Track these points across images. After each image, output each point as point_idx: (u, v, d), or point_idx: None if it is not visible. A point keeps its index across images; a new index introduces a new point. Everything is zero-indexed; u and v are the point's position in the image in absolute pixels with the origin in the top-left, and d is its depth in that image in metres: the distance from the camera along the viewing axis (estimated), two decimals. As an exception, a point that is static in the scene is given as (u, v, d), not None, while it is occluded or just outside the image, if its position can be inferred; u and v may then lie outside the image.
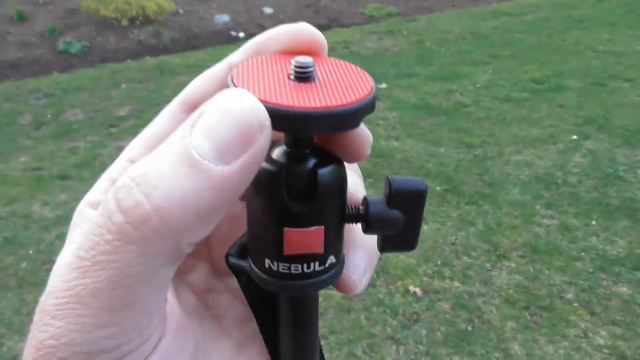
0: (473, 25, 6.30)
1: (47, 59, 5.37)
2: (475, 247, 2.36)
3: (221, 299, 0.27)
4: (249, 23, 6.47)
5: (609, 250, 2.30)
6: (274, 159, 0.22)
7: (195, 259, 0.27)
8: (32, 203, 2.84)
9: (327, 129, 0.20)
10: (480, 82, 4.36)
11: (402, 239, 0.25)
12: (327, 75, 0.22)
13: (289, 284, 0.23)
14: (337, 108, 0.19)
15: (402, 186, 0.24)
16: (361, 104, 0.20)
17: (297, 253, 0.22)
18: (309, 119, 0.19)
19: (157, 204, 0.17)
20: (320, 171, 0.22)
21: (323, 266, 0.23)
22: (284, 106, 0.19)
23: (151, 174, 0.17)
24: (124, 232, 0.17)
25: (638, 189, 2.73)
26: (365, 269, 0.26)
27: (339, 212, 0.23)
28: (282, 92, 0.20)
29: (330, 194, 0.22)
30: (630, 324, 1.92)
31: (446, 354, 1.84)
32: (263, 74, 0.21)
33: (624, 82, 4.16)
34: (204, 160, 0.17)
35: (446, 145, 3.32)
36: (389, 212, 0.24)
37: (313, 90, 0.20)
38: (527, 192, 2.76)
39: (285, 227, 0.22)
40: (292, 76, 0.21)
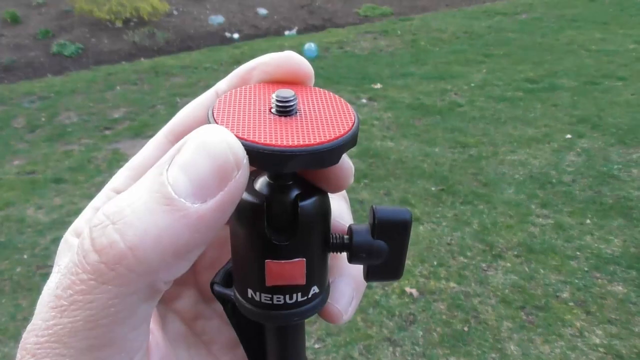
0: (467, 24, 6.31)
1: (40, 61, 5.35)
2: (470, 247, 2.37)
3: (210, 325, 0.27)
4: (244, 24, 6.46)
5: (603, 249, 2.31)
6: (256, 190, 0.22)
7: (182, 286, 0.27)
8: (26, 207, 2.82)
9: (305, 166, 0.19)
10: (475, 82, 4.37)
11: (387, 269, 0.24)
12: (310, 108, 0.22)
13: (272, 314, 0.23)
14: (316, 146, 0.19)
15: (387, 216, 0.24)
16: (341, 141, 0.20)
17: (279, 284, 0.22)
18: (286, 157, 0.19)
19: (131, 243, 0.16)
20: (302, 204, 0.21)
21: (306, 297, 0.23)
22: (261, 144, 0.19)
23: (127, 211, 0.17)
24: (99, 271, 0.17)
25: (632, 187, 2.75)
26: (352, 297, 0.26)
27: (322, 243, 0.23)
28: (262, 128, 0.20)
29: (312, 226, 0.22)
30: (626, 323, 1.92)
31: (442, 355, 1.84)
32: (245, 107, 0.21)
33: (617, 81, 4.18)
34: (180, 198, 0.17)
35: (441, 145, 3.32)
36: (373, 242, 0.24)
37: (293, 126, 0.20)
38: (522, 191, 2.77)
39: (266, 258, 0.21)
40: (274, 110, 0.21)
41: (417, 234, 2.47)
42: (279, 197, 0.22)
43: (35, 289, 2.19)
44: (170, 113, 3.96)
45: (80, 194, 2.93)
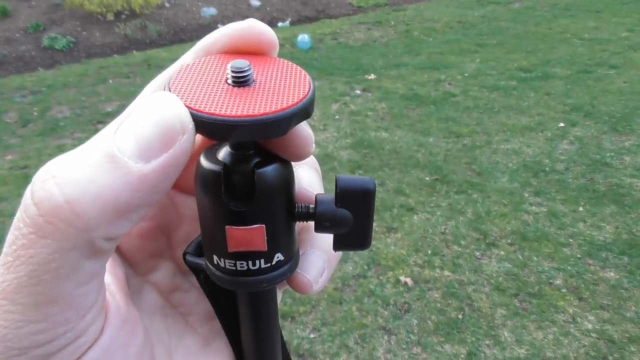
0: (460, 14, 6.30)
1: (31, 55, 5.30)
2: (464, 236, 2.38)
3: (187, 297, 0.27)
4: (236, 15, 6.43)
5: (596, 235, 2.32)
6: (217, 159, 0.22)
7: (159, 258, 0.27)
8: (19, 202, 2.80)
9: (251, 137, 0.20)
10: (468, 72, 4.37)
11: (354, 238, 0.25)
12: (266, 79, 0.22)
13: (239, 281, 0.23)
14: (260, 117, 0.19)
15: (349, 185, 0.24)
16: (287, 112, 0.20)
17: (241, 250, 0.23)
18: (229, 127, 0.19)
19: (69, 197, 0.16)
20: (259, 171, 0.22)
21: (269, 264, 0.23)
22: (206, 113, 0.19)
23: (69, 166, 0.17)
24: (38, 225, 0.17)
25: (624, 174, 2.76)
26: (322, 269, 0.26)
27: (284, 211, 0.23)
28: (213, 98, 0.20)
29: (271, 193, 0.22)
30: (618, 308, 1.94)
31: (437, 343, 1.85)
32: (202, 78, 0.22)
33: (610, 69, 4.19)
34: (123, 156, 0.17)
35: (435, 135, 3.33)
36: (336, 211, 0.24)
37: (244, 96, 0.20)
38: (516, 180, 2.78)
39: (226, 224, 0.22)
40: (229, 80, 0.21)
41: (411, 223, 2.48)
42: (238, 165, 0.22)
43: (30, 283, 2.19)
44: (163, 106, 3.95)
45: (74, 187, 2.92)
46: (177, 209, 0.27)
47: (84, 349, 0.19)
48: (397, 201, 2.64)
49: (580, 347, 1.79)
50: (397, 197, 2.68)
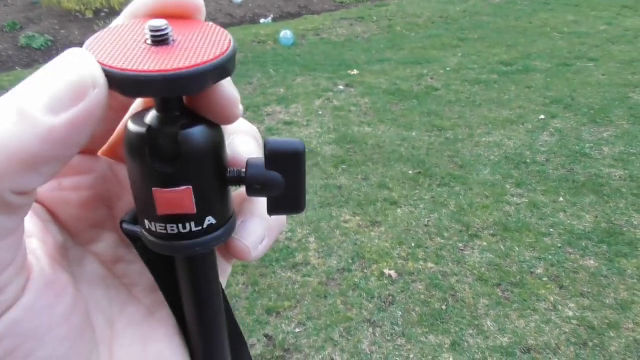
0: (442, 9, 6.34)
1: (8, 54, 5.21)
2: (447, 228, 2.40)
3: (131, 268, 0.27)
4: (218, 12, 6.39)
5: (576, 225, 2.36)
6: (142, 121, 0.22)
7: (101, 229, 0.27)
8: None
9: (164, 93, 0.20)
10: (450, 66, 4.40)
11: (288, 201, 0.25)
12: (186, 39, 0.22)
13: (173, 245, 0.23)
14: (173, 72, 0.19)
15: (277, 147, 0.24)
16: (202, 68, 0.20)
17: (169, 213, 0.23)
18: (141, 82, 0.19)
19: (24, 159, 0.16)
20: (183, 132, 0.22)
21: (200, 227, 0.23)
22: (117, 69, 0.19)
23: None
24: None
25: (603, 165, 2.81)
26: (262, 237, 0.26)
27: (213, 173, 0.23)
28: (129, 56, 0.20)
29: (197, 154, 0.22)
30: (597, 295, 1.98)
31: (422, 334, 1.87)
32: (121, 37, 0.22)
33: (589, 62, 4.25)
34: (31, 109, 0.17)
35: (418, 129, 3.35)
36: (266, 173, 0.24)
37: (161, 54, 0.20)
38: (497, 172, 2.81)
39: (153, 187, 0.22)
40: (148, 40, 0.21)
41: (395, 216, 2.49)
42: (163, 127, 0.22)
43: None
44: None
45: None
46: (118, 179, 0.27)
47: (3, 308, 0.19)
48: (380, 195, 2.66)
49: (562, 334, 1.83)
50: (380, 191, 2.70)
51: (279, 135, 3.34)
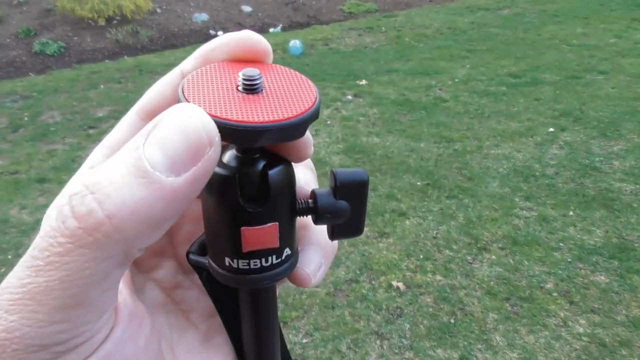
0: (450, 20, 6.35)
1: (22, 60, 5.27)
2: (456, 240, 2.39)
3: (188, 294, 0.28)
4: (228, 21, 6.43)
5: (586, 240, 2.35)
6: (225, 163, 0.23)
7: (162, 257, 0.28)
8: (10, 207, 2.79)
9: (275, 140, 0.21)
10: (459, 77, 4.41)
11: (350, 226, 0.26)
12: (274, 85, 0.23)
13: (247, 278, 0.24)
14: (284, 122, 0.20)
15: (347, 178, 0.25)
16: (306, 115, 0.21)
17: (255, 249, 0.24)
18: (258, 132, 0.20)
19: (109, 212, 0.18)
20: (271, 172, 0.23)
21: (280, 258, 0.25)
22: (233, 121, 0.20)
23: (105, 183, 0.18)
24: (77, 236, 0.18)
25: (613, 179, 2.79)
26: (320, 264, 0.27)
27: (290, 207, 0.25)
28: (231, 105, 0.21)
29: (282, 192, 0.23)
30: (609, 312, 1.96)
31: (429, 347, 1.86)
32: (213, 85, 0.22)
33: (598, 75, 4.24)
34: (155, 171, 0.18)
35: (426, 140, 3.35)
36: (336, 203, 0.25)
37: (261, 103, 0.21)
38: (506, 184, 2.80)
39: (242, 226, 0.23)
40: (241, 87, 0.22)
41: (403, 228, 2.49)
42: (249, 169, 0.23)
43: (19, 290, 2.17)
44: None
45: (65, 193, 2.91)
46: None
47: (98, 344, 0.20)
48: (389, 206, 2.65)
49: (572, 351, 1.81)
50: (389, 202, 2.69)
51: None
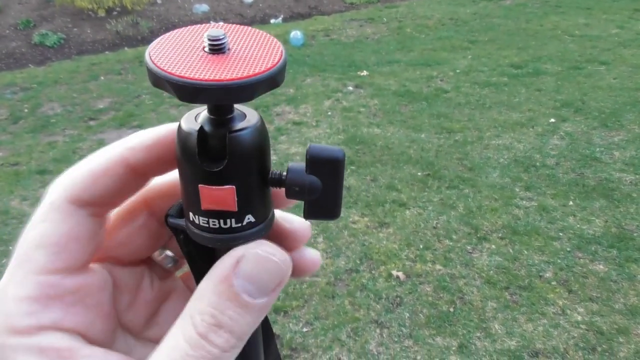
0: (452, 11, 6.32)
1: (22, 52, 5.27)
2: (456, 230, 2.40)
3: None
4: (229, 12, 6.41)
5: (585, 229, 2.35)
6: (195, 121, 0.24)
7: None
8: (10, 198, 2.80)
9: (216, 100, 0.22)
10: (460, 68, 4.39)
11: (324, 207, 0.26)
12: (241, 48, 0.23)
13: (207, 236, 0.25)
14: (228, 82, 0.21)
15: (318, 153, 0.25)
16: (253, 79, 0.21)
17: (212, 209, 0.24)
18: (197, 90, 0.21)
19: (239, 336, 0.23)
20: (231, 135, 0.23)
21: (240, 224, 0.25)
22: (178, 76, 0.21)
23: (223, 319, 0.23)
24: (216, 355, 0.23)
25: (614, 169, 2.79)
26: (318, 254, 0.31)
27: (256, 175, 0.25)
28: (188, 63, 0.22)
29: (243, 156, 0.24)
30: (607, 300, 1.97)
31: (429, 335, 1.87)
32: (180, 45, 0.23)
33: (600, 66, 4.23)
34: (253, 300, 0.23)
35: (427, 131, 3.34)
36: (305, 177, 0.25)
37: (217, 63, 0.22)
38: (507, 175, 2.80)
39: (199, 183, 0.24)
40: (206, 48, 0.23)
41: (403, 218, 2.49)
42: (212, 129, 0.24)
43: (21, 279, 2.18)
44: (155, 103, 3.94)
45: (66, 184, 2.91)
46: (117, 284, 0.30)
47: None
48: (389, 196, 2.66)
49: (570, 339, 1.82)
50: (389, 192, 2.70)
51: (287, 135, 3.35)
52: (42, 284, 0.23)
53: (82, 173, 0.25)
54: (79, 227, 0.24)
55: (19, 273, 0.23)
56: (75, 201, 0.24)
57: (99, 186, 0.24)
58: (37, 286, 0.23)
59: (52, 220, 0.24)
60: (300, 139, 3.29)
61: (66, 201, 0.24)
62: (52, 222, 0.24)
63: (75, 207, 0.24)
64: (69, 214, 0.24)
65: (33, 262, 0.23)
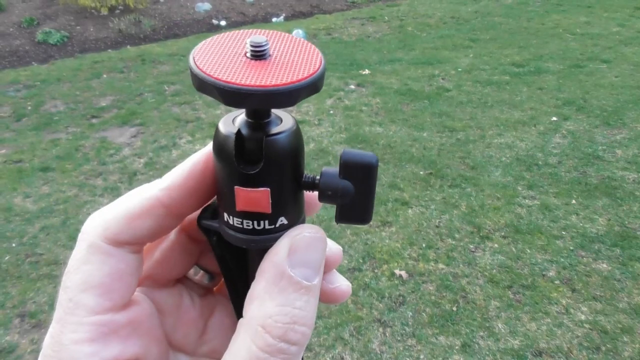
0: (453, 9, 6.31)
1: (25, 50, 5.27)
2: (459, 229, 2.40)
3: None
4: (231, 11, 6.41)
5: (588, 228, 2.35)
6: (232, 124, 0.25)
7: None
8: (14, 196, 2.81)
9: (261, 105, 0.22)
10: (462, 67, 4.39)
11: (356, 212, 0.27)
12: (281, 54, 0.24)
13: (246, 238, 0.25)
14: (272, 87, 0.21)
15: (352, 158, 0.26)
16: (297, 85, 0.22)
17: (247, 210, 0.25)
18: (243, 95, 0.21)
19: (311, 324, 0.24)
20: (268, 138, 0.24)
21: (273, 225, 0.25)
22: (223, 81, 0.21)
23: (295, 312, 0.23)
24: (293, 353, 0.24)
25: (616, 167, 2.79)
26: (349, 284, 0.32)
27: (291, 178, 0.25)
28: (232, 68, 0.22)
29: (277, 160, 0.24)
30: (610, 299, 1.97)
31: (432, 334, 1.87)
32: (224, 50, 0.24)
33: (602, 64, 4.22)
34: (312, 282, 0.24)
35: (429, 129, 3.34)
36: (339, 181, 0.26)
37: (260, 69, 0.22)
38: (509, 173, 2.80)
39: (235, 185, 0.24)
40: (248, 54, 0.23)
41: (406, 217, 2.49)
42: (249, 132, 0.24)
43: (24, 277, 2.19)
44: (157, 101, 3.94)
45: (69, 182, 2.92)
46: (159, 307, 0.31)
47: None
48: (391, 195, 2.66)
49: (574, 338, 1.82)
50: (391, 191, 2.70)
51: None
52: (97, 324, 0.24)
53: (118, 214, 0.25)
54: (120, 265, 0.25)
55: (72, 320, 0.24)
56: (113, 242, 0.25)
57: (136, 228, 0.25)
58: (92, 327, 0.24)
59: (93, 262, 0.25)
60: (303, 138, 3.29)
61: (105, 242, 0.25)
62: (94, 264, 0.24)
63: (113, 247, 0.25)
64: (109, 254, 0.25)
65: (82, 307, 0.24)
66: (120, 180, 2.93)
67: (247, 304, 0.24)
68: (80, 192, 2.82)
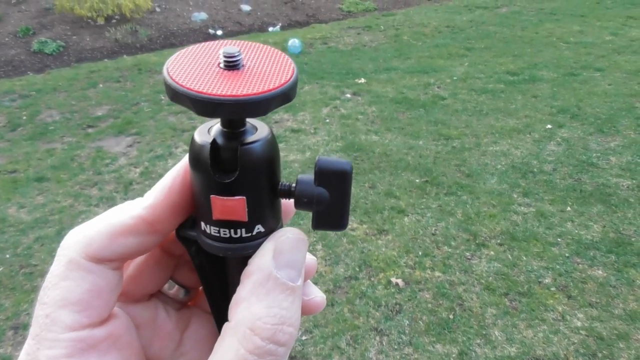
0: (449, 18, 6.36)
1: (21, 59, 5.27)
2: (455, 236, 2.40)
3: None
4: (227, 20, 6.44)
5: (584, 235, 2.36)
6: (207, 134, 0.25)
7: None
8: (8, 206, 2.79)
9: (232, 115, 0.22)
10: (457, 75, 4.42)
11: (332, 218, 0.27)
12: (254, 64, 0.24)
13: (224, 247, 0.26)
14: (243, 97, 0.22)
15: (327, 166, 0.26)
16: (268, 95, 0.22)
17: (224, 219, 0.25)
18: (214, 105, 0.21)
19: (297, 325, 0.24)
20: (243, 147, 0.24)
21: (250, 233, 0.25)
22: (195, 91, 0.22)
23: (283, 313, 0.24)
24: (280, 354, 0.24)
25: (610, 174, 2.81)
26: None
27: (266, 186, 0.25)
28: (204, 78, 0.22)
29: (253, 168, 0.24)
30: (606, 306, 1.97)
31: (429, 342, 1.87)
32: (197, 60, 0.24)
33: (595, 72, 4.26)
34: (296, 284, 0.25)
35: (425, 137, 3.36)
36: (314, 189, 0.26)
37: (232, 79, 0.23)
38: (504, 181, 2.81)
39: (211, 194, 0.24)
40: (221, 64, 0.23)
41: (402, 225, 2.50)
42: (224, 141, 0.24)
43: (18, 288, 2.17)
44: (154, 110, 3.95)
45: (64, 192, 2.91)
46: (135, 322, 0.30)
47: None
48: (387, 203, 2.66)
49: (570, 345, 1.82)
50: (387, 199, 2.70)
51: (286, 142, 3.36)
52: (74, 340, 0.24)
53: (100, 231, 0.25)
54: (99, 282, 0.24)
55: (48, 337, 0.23)
56: (94, 259, 0.25)
57: (119, 245, 0.25)
58: (70, 344, 0.24)
59: (72, 279, 0.24)
60: (299, 147, 3.30)
61: (85, 259, 0.25)
62: (74, 280, 0.24)
63: (94, 263, 0.25)
64: (89, 270, 0.24)
65: (60, 324, 0.24)
66: (116, 190, 2.92)
67: (232, 308, 0.24)
68: (76, 202, 2.81)
